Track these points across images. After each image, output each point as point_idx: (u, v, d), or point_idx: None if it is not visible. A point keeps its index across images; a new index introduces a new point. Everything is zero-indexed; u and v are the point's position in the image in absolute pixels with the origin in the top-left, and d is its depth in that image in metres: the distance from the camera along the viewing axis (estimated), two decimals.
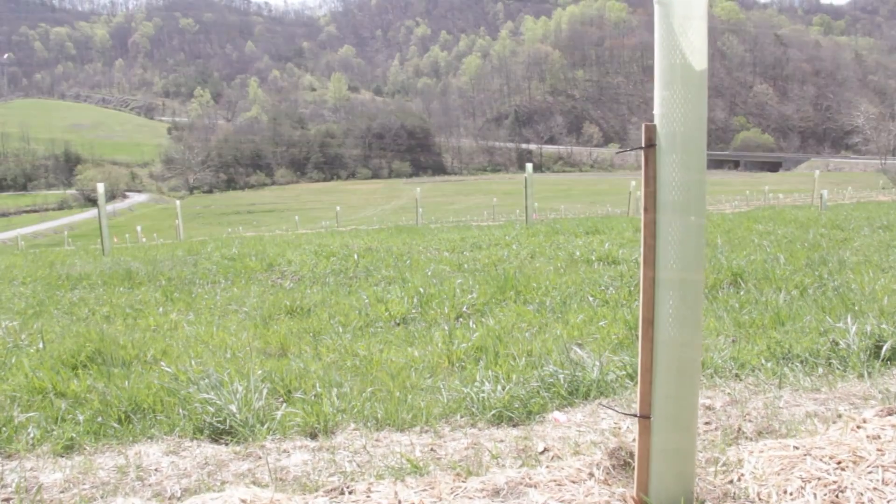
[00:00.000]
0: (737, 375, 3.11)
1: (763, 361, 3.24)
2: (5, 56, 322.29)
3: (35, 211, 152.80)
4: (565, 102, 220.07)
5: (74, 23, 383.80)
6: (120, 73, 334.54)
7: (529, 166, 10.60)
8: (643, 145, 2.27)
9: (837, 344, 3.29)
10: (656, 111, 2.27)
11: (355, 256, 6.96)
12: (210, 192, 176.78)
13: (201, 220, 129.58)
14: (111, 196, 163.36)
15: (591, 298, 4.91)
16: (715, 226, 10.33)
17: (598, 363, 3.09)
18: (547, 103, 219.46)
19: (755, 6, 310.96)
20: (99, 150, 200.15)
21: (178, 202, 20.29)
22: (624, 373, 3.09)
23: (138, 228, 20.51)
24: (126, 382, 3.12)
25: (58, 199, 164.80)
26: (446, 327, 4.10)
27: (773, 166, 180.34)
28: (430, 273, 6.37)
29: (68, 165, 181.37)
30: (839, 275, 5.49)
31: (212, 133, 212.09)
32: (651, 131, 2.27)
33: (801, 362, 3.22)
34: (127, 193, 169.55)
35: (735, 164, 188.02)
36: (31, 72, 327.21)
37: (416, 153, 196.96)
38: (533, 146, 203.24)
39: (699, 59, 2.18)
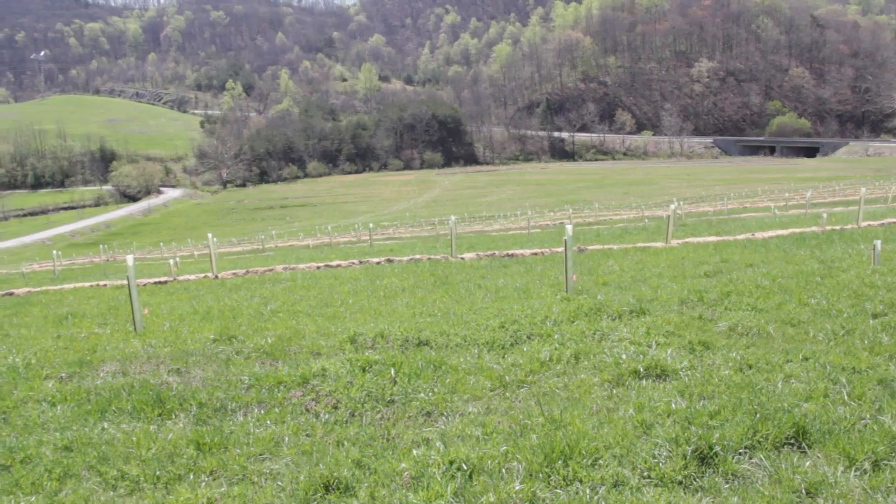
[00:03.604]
0: None
1: None
2: (42, 53, 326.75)
3: (73, 207, 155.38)
4: (597, 89, 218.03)
5: (108, 18, 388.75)
6: (153, 66, 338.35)
7: (569, 228, 10.25)
8: None
9: None
10: None
11: (392, 372, 6.72)
12: (243, 185, 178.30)
13: (235, 215, 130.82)
14: (146, 191, 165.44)
15: (645, 483, 4.57)
16: (765, 292, 9.90)
17: None
18: (579, 90, 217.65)
19: None
20: (133, 144, 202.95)
21: (210, 235, 20.12)
22: None
23: (171, 262, 20.44)
24: None
25: (94, 195, 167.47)
26: None
27: (811, 151, 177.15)
28: (470, 409, 6.09)
29: (104, 161, 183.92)
30: None
31: (244, 126, 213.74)
32: None
33: None
34: (161, 189, 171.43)
35: (771, 150, 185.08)
36: (67, 68, 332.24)
37: (447, 143, 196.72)
38: (565, 134, 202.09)
39: None
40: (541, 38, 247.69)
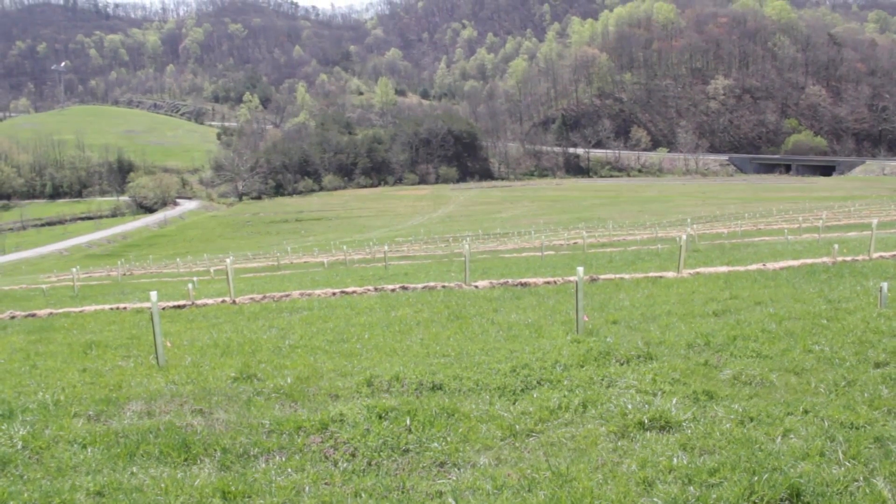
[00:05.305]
0: None
1: None
2: (62, 64, 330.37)
3: (90, 218, 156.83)
4: (613, 106, 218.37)
5: (128, 30, 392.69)
6: (171, 78, 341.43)
7: (580, 270, 10.54)
8: None
9: None
10: None
11: (407, 421, 7.04)
12: (259, 198, 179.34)
13: (250, 228, 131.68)
14: (162, 203, 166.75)
15: None
16: (771, 337, 10.09)
17: None
18: (594, 107, 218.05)
19: (807, 4, 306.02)
20: (150, 156, 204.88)
21: (228, 261, 20.52)
22: None
23: (189, 286, 20.83)
24: None
25: (111, 205, 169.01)
26: None
27: (827, 170, 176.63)
28: (482, 460, 6.36)
29: (121, 172, 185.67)
30: None
31: (260, 138, 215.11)
32: None
33: None
34: (178, 200, 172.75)
35: (786, 168, 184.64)
36: (87, 79, 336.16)
37: (462, 158, 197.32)
38: (580, 150, 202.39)
39: None
40: (557, 54, 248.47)
